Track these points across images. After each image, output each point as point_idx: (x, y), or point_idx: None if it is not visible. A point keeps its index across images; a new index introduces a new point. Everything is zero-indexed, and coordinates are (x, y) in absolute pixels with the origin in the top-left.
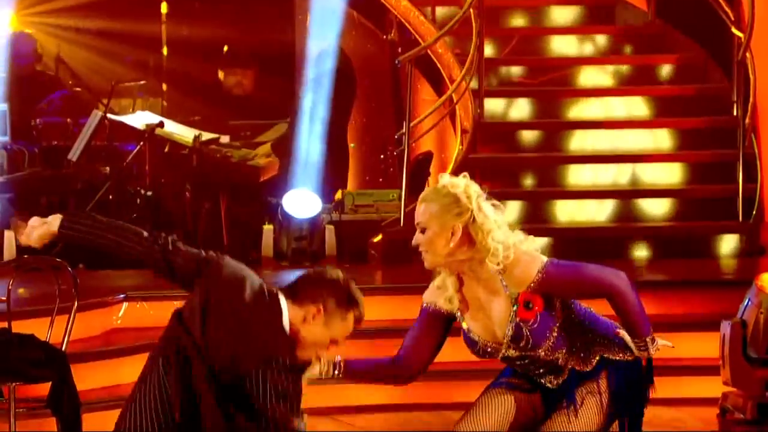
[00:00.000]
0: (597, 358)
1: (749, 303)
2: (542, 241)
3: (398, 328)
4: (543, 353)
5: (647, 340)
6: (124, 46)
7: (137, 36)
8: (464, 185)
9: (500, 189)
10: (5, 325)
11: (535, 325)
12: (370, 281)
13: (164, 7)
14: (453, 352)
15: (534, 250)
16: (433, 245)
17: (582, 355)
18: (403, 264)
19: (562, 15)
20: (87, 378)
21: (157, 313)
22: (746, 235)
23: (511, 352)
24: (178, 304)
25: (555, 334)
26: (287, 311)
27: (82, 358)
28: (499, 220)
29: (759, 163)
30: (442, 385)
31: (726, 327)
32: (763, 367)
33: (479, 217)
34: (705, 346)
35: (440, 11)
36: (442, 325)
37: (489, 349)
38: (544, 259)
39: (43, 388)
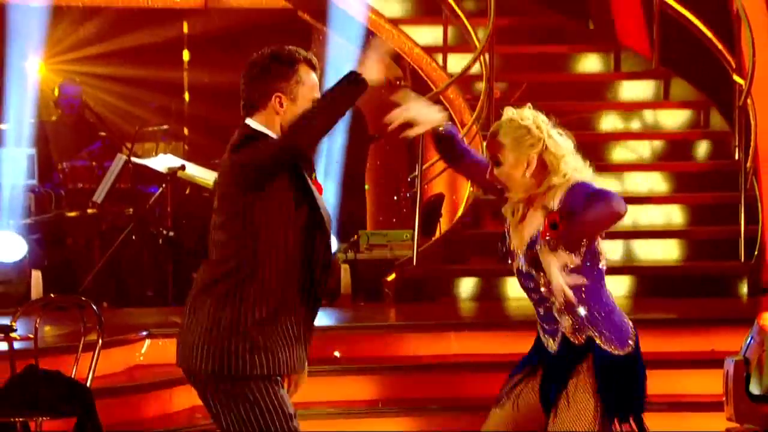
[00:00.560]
0: (586, 336)
1: (752, 341)
2: None
3: (411, 365)
4: (543, 285)
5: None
6: (147, 92)
7: (160, 82)
8: (533, 116)
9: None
10: (32, 362)
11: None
12: (384, 319)
13: (186, 55)
14: (460, 346)
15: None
16: (512, 177)
17: (575, 322)
18: (416, 302)
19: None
20: (111, 413)
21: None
22: (749, 276)
23: (522, 264)
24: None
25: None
26: (260, 126)
27: (106, 393)
28: (569, 146)
29: (760, 206)
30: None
31: (729, 364)
32: (766, 404)
33: (551, 144)
34: (708, 383)
35: (451, 58)
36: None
37: (510, 250)
38: (581, 176)
39: (69, 423)
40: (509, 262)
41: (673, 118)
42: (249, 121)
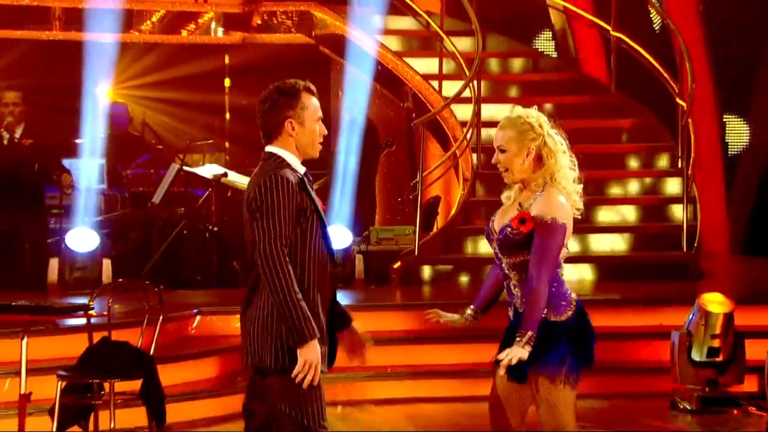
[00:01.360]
0: None
1: (693, 317)
2: None
3: (412, 337)
4: (507, 263)
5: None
6: (195, 113)
7: (205, 105)
8: (536, 116)
9: None
10: (106, 334)
11: (516, 237)
12: (391, 299)
13: (227, 82)
14: (466, 354)
15: (572, 185)
16: (512, 163)
17: (523, 295)
18: (417, 286)
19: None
20: (169, 376)
21: (222, 325)
22: (690, 263)
23: (494, 245)
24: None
25: (519, 259)
26: (279, 150)
27: (165, 360)
28: (563, 145)
29: (698, 206)
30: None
31: (675, 336)
32: (704, 368)
33: (549, 141)
34: (658, 351)
35: (446, 84)
36: None
37: (489, 232)
38: (556, 213)
39: (135, 384)
40: (489, 241)
41: (626, 135)
42: (269, 148)
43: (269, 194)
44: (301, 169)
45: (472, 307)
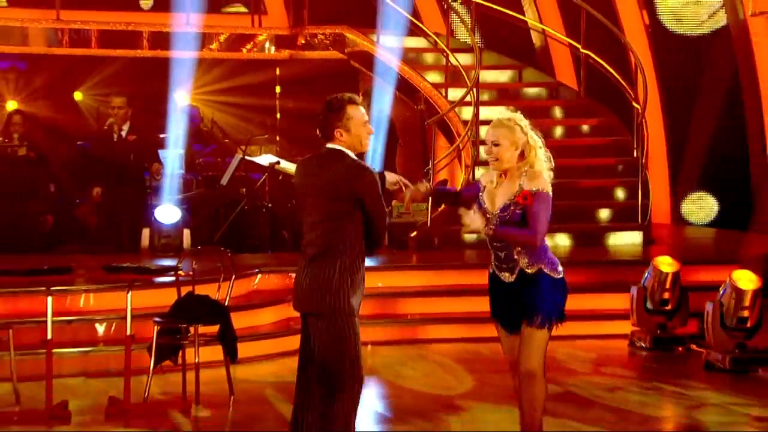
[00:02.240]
0: (537, 268)
1: (648, 275)
2: None
3: (427, 292)
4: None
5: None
6: (252, 114)
7: (261, 107)
8: (521, 118)
9: None
10: (190, 289)
11: (517, 211)
12: (408, 261)
13: (278, 89)
14: (469, 305)
15: (547, 171)
16: (503, 155)
17: (529, 259)
18: (429, 251)
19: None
20: (239, 321)
21: (279, 281)
22: (644, 232)
23: (495, 221)
24: (293, 275)
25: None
26: (337, 146)
27: (236, 309)
28: (541, 143)
29: (650, 187)
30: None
31: (633, 290)
32: (656, 315)
33: (530, 139)
34: (619, 302)
35: (451, 90)
36: (477, 190)
37: (485, 212)
38: (546, 187)
39: (214, 328)
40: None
41: (590, 129)
42: (329, 145)
43: (373, 180)
44: None
45: (436, 187)
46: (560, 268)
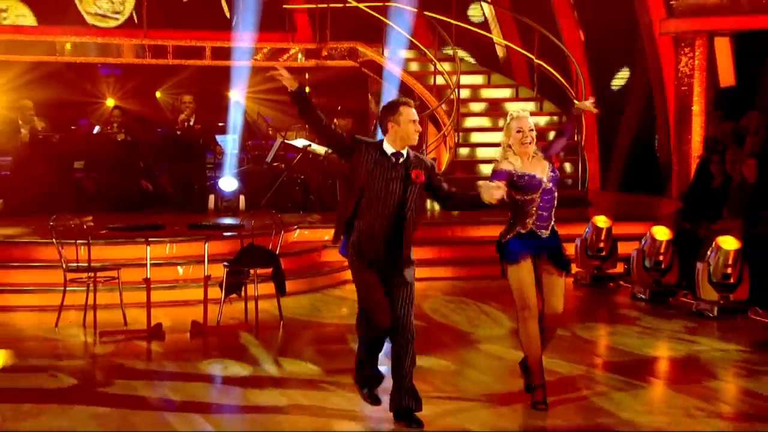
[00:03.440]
0: (553, 225)
1: (589, 230)
2: None
3: (424, 260)
4: (556, 197)
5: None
6: (288, 108)
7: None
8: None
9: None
10: (250, 241)
11: (553, 176)
12: None
13: (307, 89)
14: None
15: None
16: (534, 140)
17: (553, 220)
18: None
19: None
20: (285, 266)
21: (311, 235)
22: (584, 197)
23: (547, 184)
24: (325, 231)
25: (555, 193)
26: (387, 137)
27: (282, 255)
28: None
29: (588, 164)
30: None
31: (578, 241)
32: (594, 260)
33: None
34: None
35: (438, 90)
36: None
37: (538, 182)
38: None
39: (268, 270)
40: (533, 189)
41: (544, 120)
42: (383, 137)
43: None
44: (390, 150)
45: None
46: None
